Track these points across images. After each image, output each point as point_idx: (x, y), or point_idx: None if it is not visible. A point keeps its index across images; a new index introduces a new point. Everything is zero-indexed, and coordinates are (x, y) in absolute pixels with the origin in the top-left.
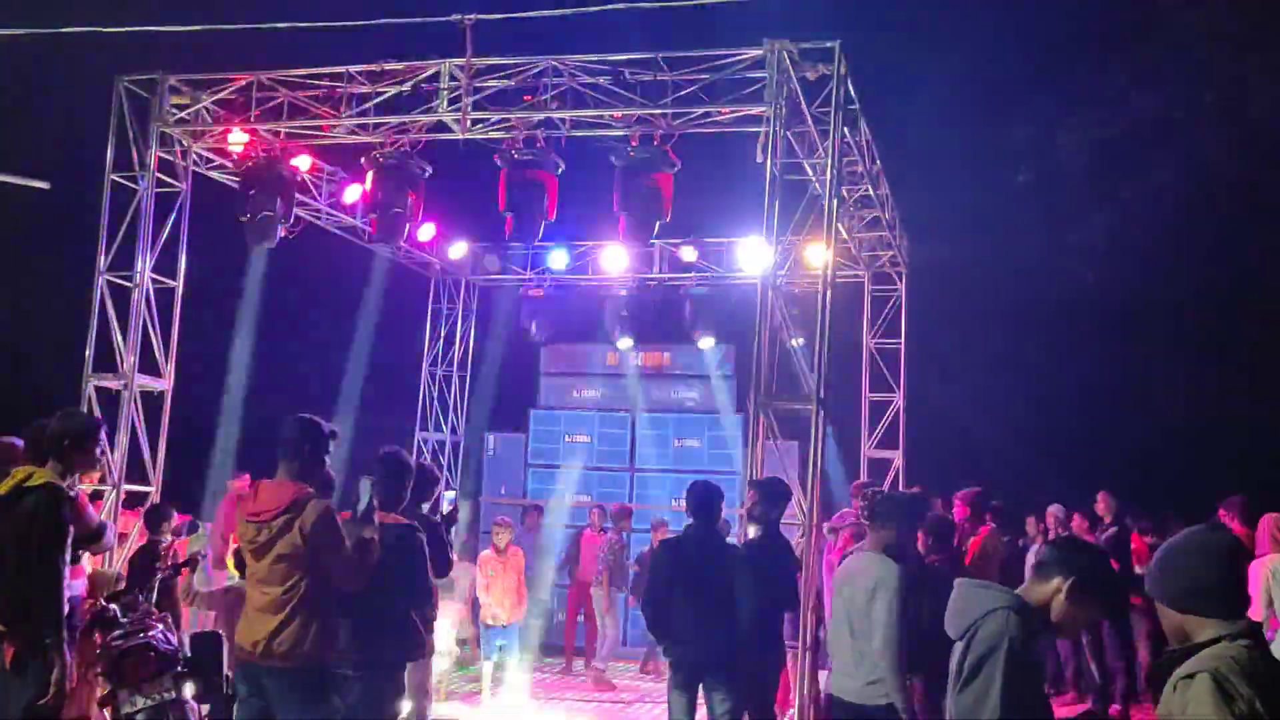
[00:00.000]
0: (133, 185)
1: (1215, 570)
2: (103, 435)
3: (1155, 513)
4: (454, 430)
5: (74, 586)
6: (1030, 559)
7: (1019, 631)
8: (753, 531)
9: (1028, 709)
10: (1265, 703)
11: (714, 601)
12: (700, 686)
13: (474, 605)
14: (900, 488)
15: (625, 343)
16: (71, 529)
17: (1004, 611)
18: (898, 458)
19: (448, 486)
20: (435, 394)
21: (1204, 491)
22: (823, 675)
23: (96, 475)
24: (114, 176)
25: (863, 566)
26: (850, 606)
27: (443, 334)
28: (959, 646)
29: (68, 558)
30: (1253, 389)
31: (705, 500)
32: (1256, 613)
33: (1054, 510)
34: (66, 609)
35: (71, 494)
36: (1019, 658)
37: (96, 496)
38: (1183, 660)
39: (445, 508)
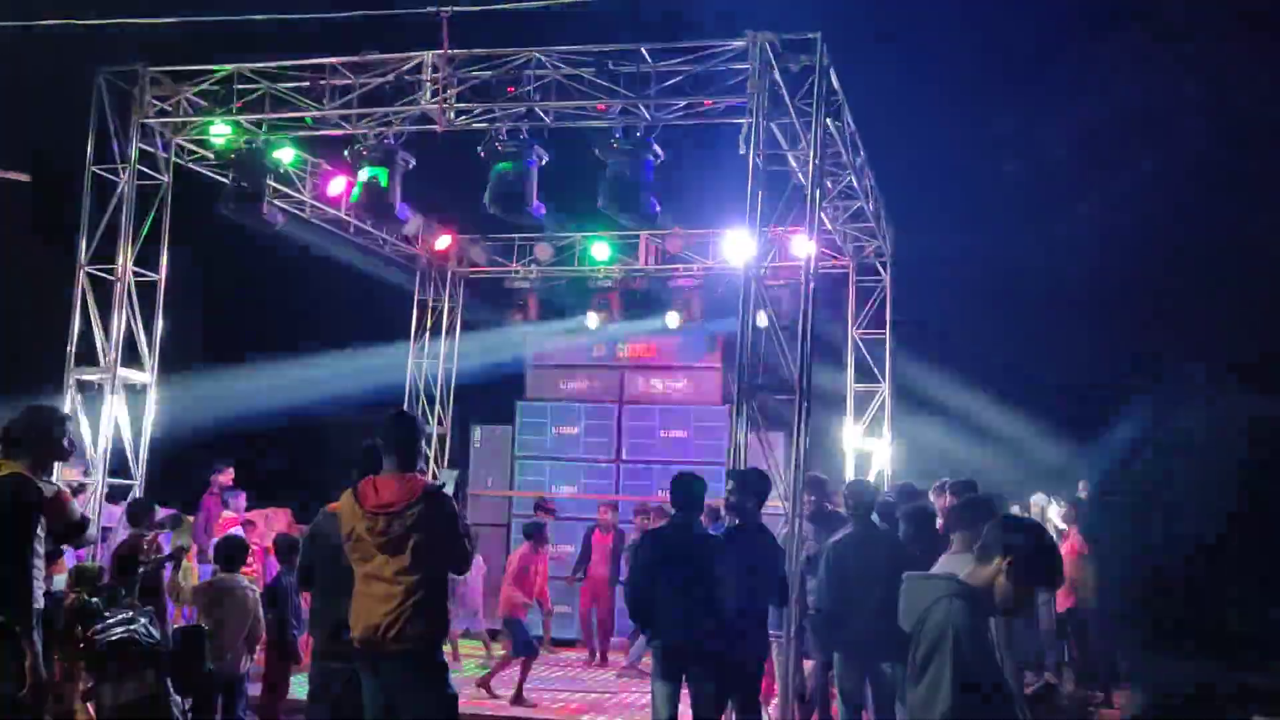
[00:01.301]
0: (114, 178)
1: None
2: (69, 428)
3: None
4: (440, 422)
5: (56, 581)
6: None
7: (964, 618)
8: (733, 522)
9: (981, 694)
10: None
11: (697, 591)
12: (683, 676)
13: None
14: (886, 479)
15: (593, 322)
16: (42, 518)
17: (948, 600)
18: (882, 448)
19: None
20: (422, 386)
21: None
22: (807, 665)
23: (79, 469)
24: (95, 169)
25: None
26: None
27: (429, 325)
28: (913, 641)
29: (40, 548)
30: (1239, 380)
31: (689, 491)
32: None
33: (1036, 499)
34: (40, 600)
35: (52, 487)
36: (966, 644)
37: (79, 490)
38: None
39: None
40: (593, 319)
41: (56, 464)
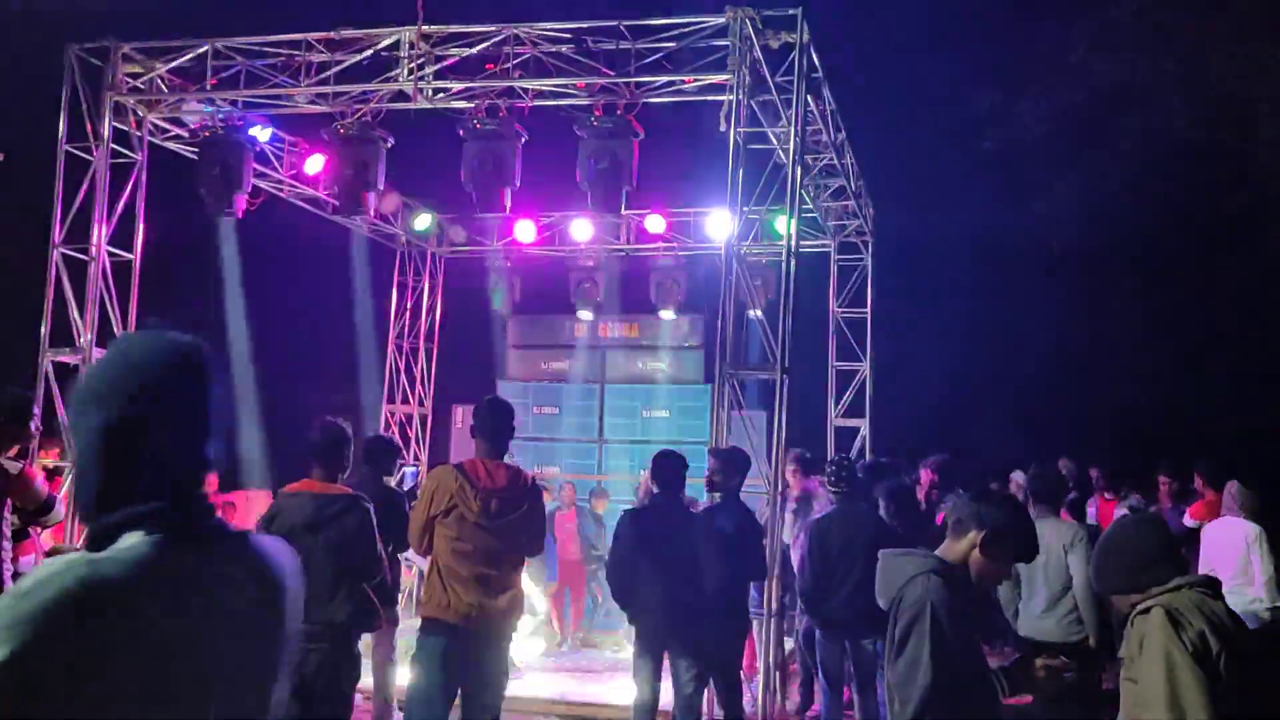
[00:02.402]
0: (87, 156)
1: (1151, 545)
2: (35, 410)
3: (1119, 477)
4: (421, 403)
5: (24, 563)
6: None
7: (940, 593)
8: (714, 501)
9: (959, 668)
10: (1216, 636)
11: (678, 570)
12: (665, 653)
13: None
14: (867, 456)
15: (586, 314)
16: (8, 500)
17: (924, 576)
18: (864, 426)
19: (412, 461)
20: (402, 367)
21: (1168, 455)
22: (787, 642)
23: (55, 451)
24: (68, 147)
25: (1054, 529)
26: (1045, 560)
27: (409, 306)
28: (891, 618)
29: (4, 529)
30: (1219, 354)
31: (669, 470)
32: (1226, 576)
33: (1016, 477)
34: (9, 582)
35: (16, 465)
36: (943, 619)
37: (57, 472)
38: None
39: (407, 484)
40: (583, 312)
41: (32, 446)
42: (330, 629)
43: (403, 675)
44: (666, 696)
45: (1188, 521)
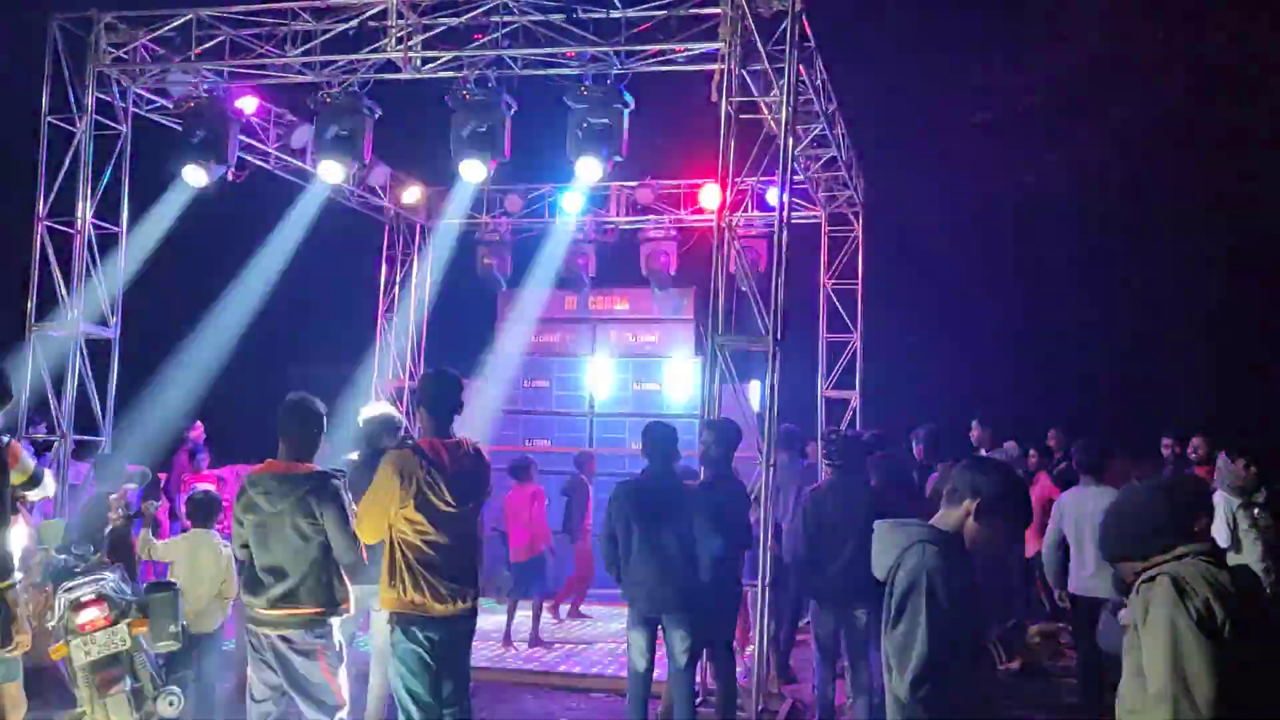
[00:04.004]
0: (70, 128)
1: (1160, 511)
2: (12, 385)
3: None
4: (411, 377)
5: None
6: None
7: (936, 562)
8: (706, 473)
9: (955, 637)
10: (1222, 604)
11: (670, 541)
12: (659, 626)
13: None
14: (857, 428)
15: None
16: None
17: (919, 545)
18: (854, 398)
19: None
20: (392, 339)
21: (1159, 425)
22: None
23: (42, 427)
24: (51, 119)
25: (1097, 495)
26: (1092, 524)
27: (398, 279)
28: (888, 588)
29: (6, 496)
30: (1209, 326)
31: (661, 441)
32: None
33: (1009, 446)
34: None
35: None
36: (939, 588)
37: (46, 447)
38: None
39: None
40: (567, 266)
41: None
42: (306, 617)
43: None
44: (660, 668)
45: None
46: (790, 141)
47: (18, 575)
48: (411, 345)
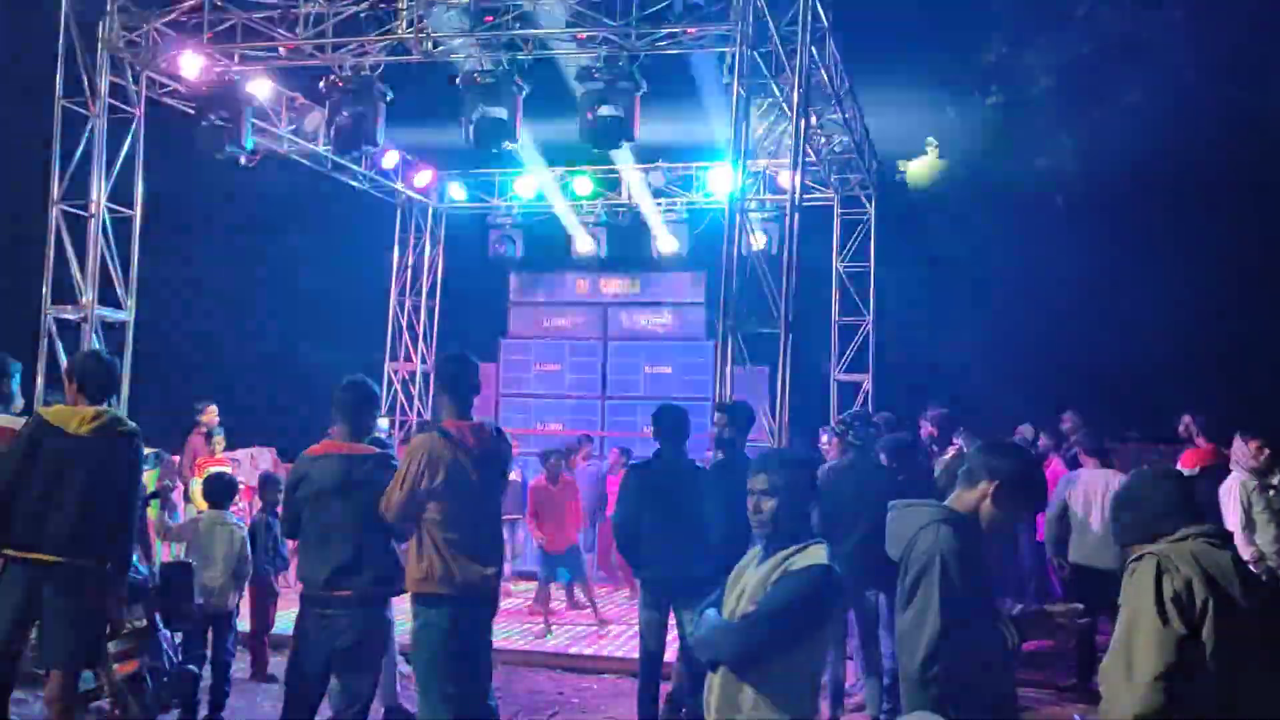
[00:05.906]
0: (84, 111)
1: (1164, 498)
2: (13, 369)
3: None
4: (424, 360)
5: None
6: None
7: (951, 542)
8: (719, 455)
9: (968, 617)
10: (1207, 586)
11: (682, 524)
12: (671, 607)
13: None
14: (870, 411)
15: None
16: None
17: (935, 525)
18: (867, 381)
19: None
20: (404, 324)
21: (1174, 409)
22: None
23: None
24: (64, 103)
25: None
26: (1102, 501)
27: (410, 263)
28: (901, 568)
29: None
30: (1221, 310)
31: (673, 424)
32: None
33: (1023, 429)
34: None
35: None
36: (953, 569)
37: None
38: None
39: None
40: (582, 243)
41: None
42: (363, 595)
43: None
44: (672, 650)
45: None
46: (803, 123)
47: None
48: (424, 329)
